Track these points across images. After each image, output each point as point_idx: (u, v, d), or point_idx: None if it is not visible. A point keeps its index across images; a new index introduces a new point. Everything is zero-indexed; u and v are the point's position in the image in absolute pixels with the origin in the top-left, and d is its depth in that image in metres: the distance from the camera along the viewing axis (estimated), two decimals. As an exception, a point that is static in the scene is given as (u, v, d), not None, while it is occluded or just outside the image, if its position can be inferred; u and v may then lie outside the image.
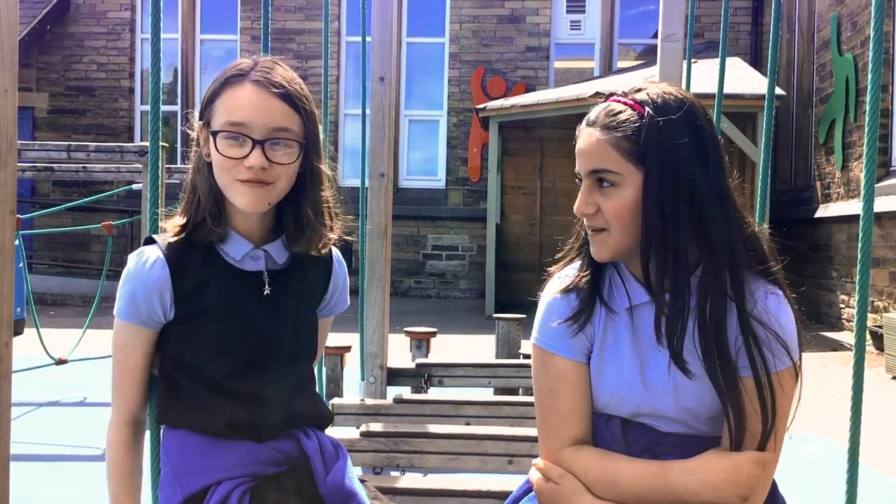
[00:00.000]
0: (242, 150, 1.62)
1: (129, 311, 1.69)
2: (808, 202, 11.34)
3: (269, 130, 1.63)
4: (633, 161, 1.56)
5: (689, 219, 1.55)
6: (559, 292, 1.70)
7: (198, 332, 1.68)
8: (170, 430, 1.74)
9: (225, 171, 1.64)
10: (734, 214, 1.60)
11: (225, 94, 1.66)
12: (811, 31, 11.79)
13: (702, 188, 1.55)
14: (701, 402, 1.61)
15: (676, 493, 1.55)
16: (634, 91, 1.61)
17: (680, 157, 1.55)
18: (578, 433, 1.66)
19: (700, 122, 1.59)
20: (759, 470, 1.55)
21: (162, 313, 1.68)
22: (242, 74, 1.66)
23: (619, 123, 1.57)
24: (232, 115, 1.63)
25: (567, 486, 1.62)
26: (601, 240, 1.61)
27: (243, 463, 1.68)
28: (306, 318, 1.81)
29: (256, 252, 1.72)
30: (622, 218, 1.57)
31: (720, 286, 1.56)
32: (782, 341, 1.57)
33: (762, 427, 1.55)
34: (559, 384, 1.67)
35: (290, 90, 1.65)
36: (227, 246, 1.71)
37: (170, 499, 1.69)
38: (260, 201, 1.65)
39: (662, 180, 1.54)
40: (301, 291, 1.78)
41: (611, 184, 1.58)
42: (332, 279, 1.85)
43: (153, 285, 1.66)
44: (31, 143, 7.16)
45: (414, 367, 4.16)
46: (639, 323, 1.65)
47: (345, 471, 1.76)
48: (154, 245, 1.70)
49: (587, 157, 1.60)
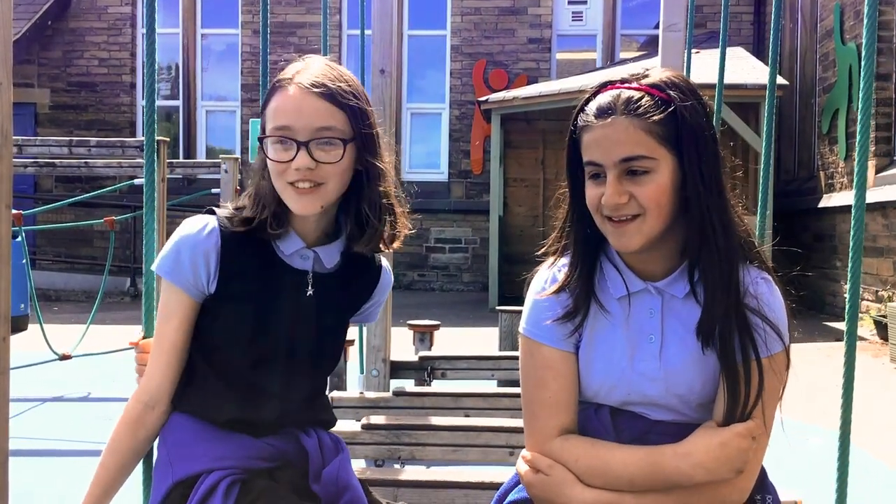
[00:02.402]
0: (289, 152, 1.64)
1: (172, 268, 1.69)
2: (811, 192, 11.32)
3: (312, 131, 1.64)
4: (666, 145, 1.55)
5: (719, 199, 1.58)
6: (551, 293, 1.67)
7: (232, 313, 1.69)
8: (173, 416, 1.74)
9: (278, 175, 1.66)
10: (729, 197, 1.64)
11: (273, 100, 1.68)
12: (814, 20, 11.75)
13: (721, 168, 1.59)
14: (691, 389, 1.62)
15: (669, 477, 1.56)
16: (642, 77, 1.60)
17: (708, 138, 1.58)
18: (566, 423, 1.65)
19: (707, 106, 1.62)
20: (748, 442, 1.55)
21: (205, 279, 1.68)
22: (288, 79, 1.68)
23: (647, 109, 1.55)
24: (277, 120, 1.65)
25: (557, 476, 1.62)
26: (634, 228, 1.57)
27: (236, 455, 1.68)
28: (339, 325, 1.82)
29: (307, 252, 1.73)
30: (661, 203, 1.56)
31: (732, 268, 1.58)
32: (774, 326, 1.59)
33: (750, 408, 1.56)
34: (547, 374, 1.66)
35: (333, 88, 1.65)
36: (280, 241, 1.72)
37: (162, 481, 1.71)
38: (311, 206, 1.66)
39: (700, 161, 1.56)
40: (342, 299, 1.79)
41: (644, 170, 1.55)
42: (376, 290, 1.86)
43: (200, 246, 1.68)
44: (32, 138, 7.16)
45: (417, 361, 4.16)
46: (634, 311, 1.65)
47: (341, 464, 1.76)
48: (213, 215, 1.73)
49: (615, 145, 1.55)
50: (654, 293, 1.64)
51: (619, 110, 1.56)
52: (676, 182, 1.56)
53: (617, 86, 1.60)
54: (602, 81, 1.64)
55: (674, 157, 1.56)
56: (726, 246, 1.57)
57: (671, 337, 1.63)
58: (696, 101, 1.58)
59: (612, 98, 1.58)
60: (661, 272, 1.64)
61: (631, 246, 1.59)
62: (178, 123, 14.73)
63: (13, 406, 2.05)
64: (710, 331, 1.58)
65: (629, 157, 1.55)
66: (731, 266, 1.57)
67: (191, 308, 1.70)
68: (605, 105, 1.58)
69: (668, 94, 1.56)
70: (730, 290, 1.57)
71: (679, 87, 1.58)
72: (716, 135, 1.61)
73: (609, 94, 1.59)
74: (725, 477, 1.55)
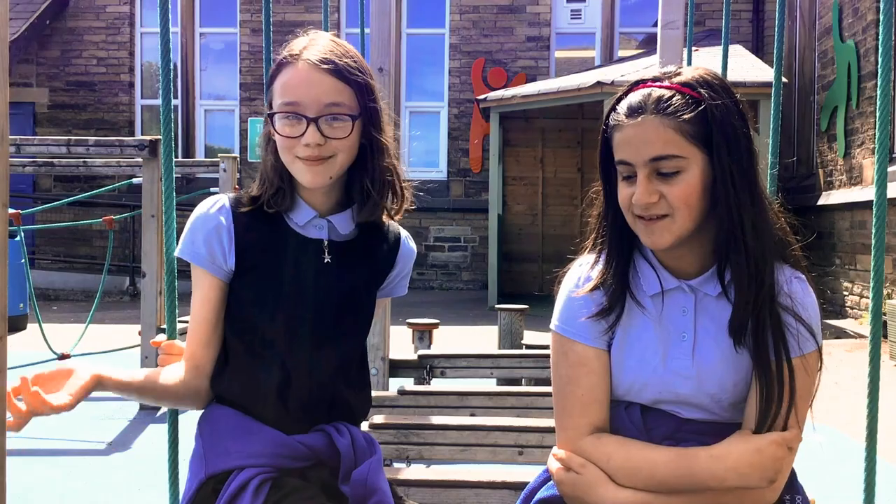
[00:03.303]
0: (298, 128, 1.68)
1: (188, 248, 1.74)
2: (810, 190, 11.32)
3: (321, 107, 1.67)
4: (697, 144, 1.55)
5: (759, 197, 1.58)
6: (587, 291, 1.66)
7: (253, 286, 1.73)
8: (212, 407, 1.77)
9: (286, 150, 1.70)
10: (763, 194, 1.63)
11: (280, 76, 1.71)
12: (812, 17, 11.75)
13: (756, 166, 1.59)
14: (723, 388, 1.61)
15: (701, 479, 1.55)
16: (673, 75, 1.60)
17: (740, 136, 1.57)
18: (598, 421, 1.64)
19: (741, 104, 1.61)
20: (784, 451, 1.54)
21: (221, 255, 1.73)
22: (296, 54, 1.70)
23: (678, 108, 1.54)
24: (285, 96, 1.69)
25: (589, 475, 1.61)
26: (664, 226, 1.57)
27: (269, 453, 1.69)
28: (362, 292, 1.82)
29: (320, 221, 1.77)
30: (690, 202, 1.56)
31: (762, 268, 1.58)
32: (807, 325, 1.59)
33: (786, 409, 1.55)
34: (580, 372, 1.65)
35: (340, 64, 1.69)
36: (293, 213, 1.76)
37: (196, 473, 1.74)
38: (320, 178, 1.70)
39: (731, 160, 1.55)
40: (363, 265, 1.81)
41: (675, 170, 1.55)
42: (398, 258, 1.87)
43: (211, 222, 1.73)
44: (30, 138, 7.15)
45: (416, 359, 4.15)
46: (667, 308, 1.64)
47: (372, 466, 1.76)
48: (224, 195, 1.79)
49: (645, 145, 1.55)
50: (687, 291, 1.64)
51: (650, 109, 1.56)
52: (707, 181, 1.56)
53: (648, 84, 1.60)
54: (634, 80, 1.64)
55: (704, 156, 1.55)
56: (756, 245, 1.56)
57: (704, 335, 1.62)
58: (728, 98, 1.58)
59: (643, 97, 1.58)
60: (694, 270, 1.64)
61: (661, 244, 1.59)
62: (177, 122, 14.72)
63: (12, 406, 2.04)
64: (741, 329, 1.58)
65: (659, 156, 1.55)
66: (762, 265, 1.56)
67: (215, 285, 1.74)
68: (635, 104, 1.58)
69: (700, 92, 1.56)
70: (760, 289, 1.56)
71: (711, 84, 1.58)
72: (749, 133, 1.59)
73: (640, 93, 1.59)
74: (758, 485, 1.54)
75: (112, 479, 4.48)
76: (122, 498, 4.21)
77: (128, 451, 5.06)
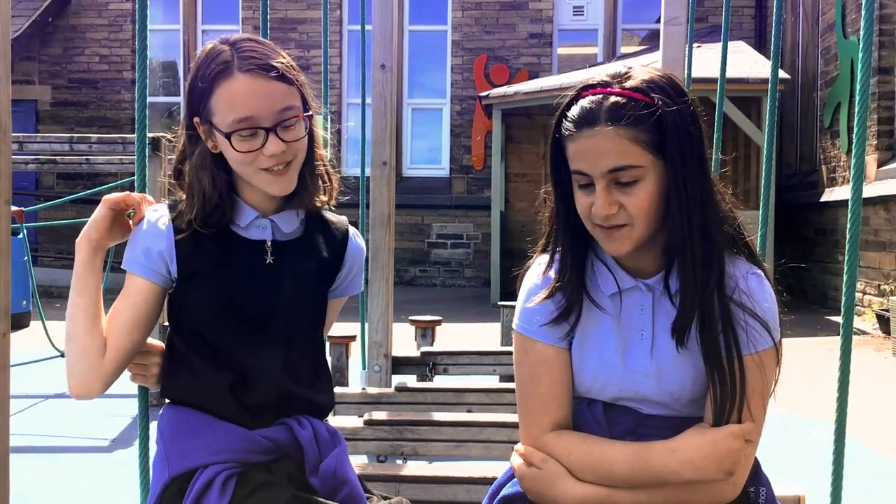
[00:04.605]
0: (256, 141, 1.64)
1: (130, 259, 1.75)
2: (813, 186, 11.30)
3: (275, 114, 1.64)
4: (652, 151, 1.53)
5: (708, 199, 1.57)
6: (545, 295, 1.66)
7: (197, 292, 1.70)
8: (169, 409, 1.76)
9: (246, 164, 1.67)
10: (716, 192, 1.61)
11: (219, 91, 1.65)
12: (816, 13, 11.73)
13: (708, 169, 1.58)
14: (682, 385, 1.62)
15: (658, 473, 1.56)
16: (624, 79, 1.56)
17: (693, 140, 1.55)
18: (559, 418, 1.66)
19: (692, 102, 1.58)
20: (740, 443, 1.55)
21: (163, 264, 1.71)
22: (228, 64, 1.65)
23: (632, 117, 1.51)
24: (237, 112, 1.63)
25: (549, 470, 1.63)
26: (624, 234, 1.57)
27: (232, 448, 1.68)
28: (309, 291, 1.79)
29: (262, 221, 1.74)
30: (649, 211, 1.55)
31: (709, 272, 1.57)
32: (763, 321, 1.58)
33: (738, 406, 1.55)
34: (541, 370, 1.67)
35: (281, 67, 1.65)
36: (235, 216, 1.73)
37: (159, 476, 1.72)
38: (289, 183, 1.70)
39: (684, 165, 1.54)
40: (309, 265, 1.78)
41: (634, 178, 1.54)
42: (346, 256, 1.84)
43: (152, 232, 1.71)
44: (33, 135, 7.16)
45: (419, 356, 4.16)
46: (625, 307, 1.65)
47: (339, 458, 1.75)
48: (166, 205, 1.77)
49: (602, 156, 1.53)
50: (644, 290, 1.64)
51: (604, 119, 1.52)
52: (664, 186, 1.55)
53: (598, 90, 1.56)
54: (582, 84, 1.60)
55: (660, 162, 1.54)
56: (703, 248, 1.55)
57: (662, 334, 1.62)
58: (680, 101, 1.55)
59: (595, 104, 1.54)
60: (651, 269, 1.64)
61: (622, 250, 1.59)
62: (179, 120, 14.71)
63: (14, 403, 2.05)
64: (683, 330, 1.58)
65: (617, 167, 1.53)
66: (708, 267, 1.56)
67: (154, 291, 1.73)
68: (588, 113, 1.54)
69: (652, 97, 1.53)
70: (705, 290, 1.56)
71: (663, 88, 1.55)
72: (701, 134, 1.58)
73: (591, 101, 1.55)
74: (715, 478, 1.55)
75: (115, 476, 4.48)
76: (125, 495, 4.21)
77: (131, 449, 5.06)
